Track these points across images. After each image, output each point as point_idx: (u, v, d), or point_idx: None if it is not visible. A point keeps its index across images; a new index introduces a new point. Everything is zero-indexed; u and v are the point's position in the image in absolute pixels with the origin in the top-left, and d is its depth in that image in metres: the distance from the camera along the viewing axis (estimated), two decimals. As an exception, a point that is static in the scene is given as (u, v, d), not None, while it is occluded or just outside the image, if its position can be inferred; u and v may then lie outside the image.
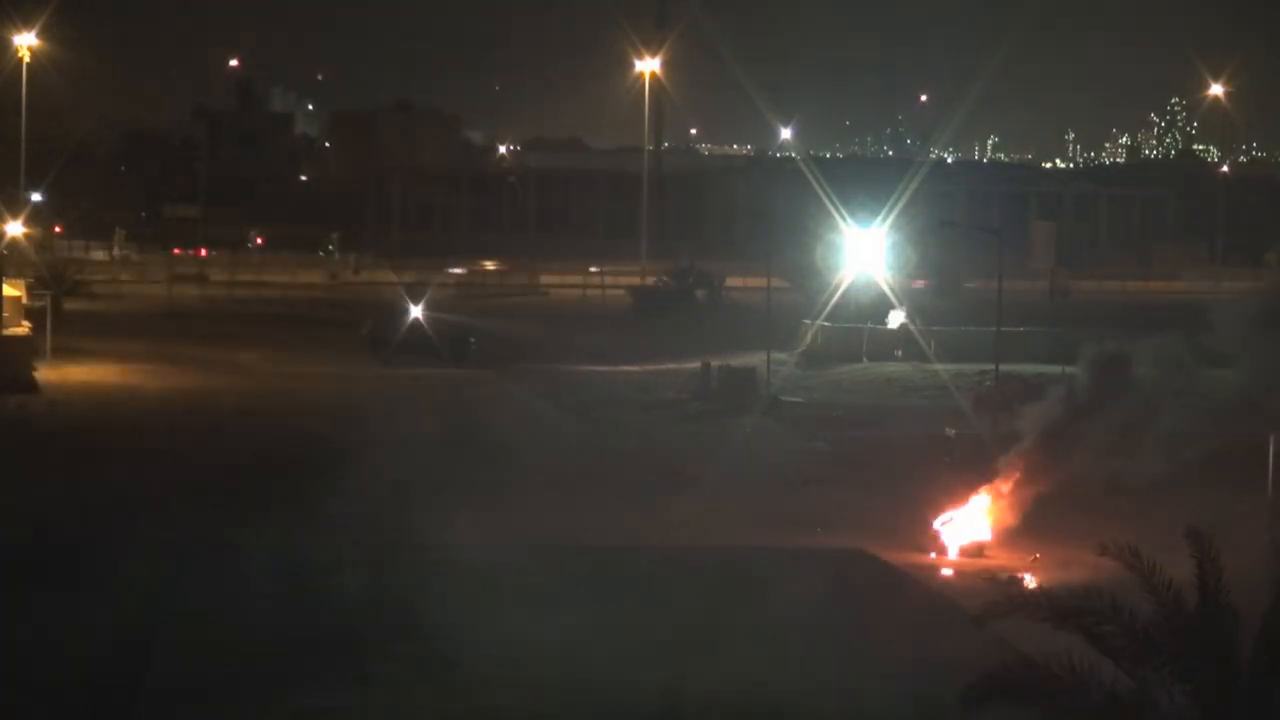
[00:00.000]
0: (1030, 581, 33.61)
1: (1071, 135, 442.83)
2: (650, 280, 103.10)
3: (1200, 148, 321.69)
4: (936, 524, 37.49)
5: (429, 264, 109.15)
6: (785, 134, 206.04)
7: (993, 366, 54.04)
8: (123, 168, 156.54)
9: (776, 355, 67.77)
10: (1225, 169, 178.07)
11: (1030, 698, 16.95)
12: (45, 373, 61.78)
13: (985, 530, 37.29)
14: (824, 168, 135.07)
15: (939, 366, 66.20)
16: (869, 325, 72.86)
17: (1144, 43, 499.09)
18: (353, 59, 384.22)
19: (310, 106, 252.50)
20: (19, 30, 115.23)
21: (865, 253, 73.52)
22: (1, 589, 31.63)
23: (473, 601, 31.08)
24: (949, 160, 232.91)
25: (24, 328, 66.51)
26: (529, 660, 27.69)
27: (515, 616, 30.22)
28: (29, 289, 73.80)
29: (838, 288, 73.44)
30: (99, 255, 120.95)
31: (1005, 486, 37.49)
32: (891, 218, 78.48)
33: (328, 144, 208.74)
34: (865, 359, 71.68)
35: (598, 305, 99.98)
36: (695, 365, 64.54)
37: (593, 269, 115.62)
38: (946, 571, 35.83)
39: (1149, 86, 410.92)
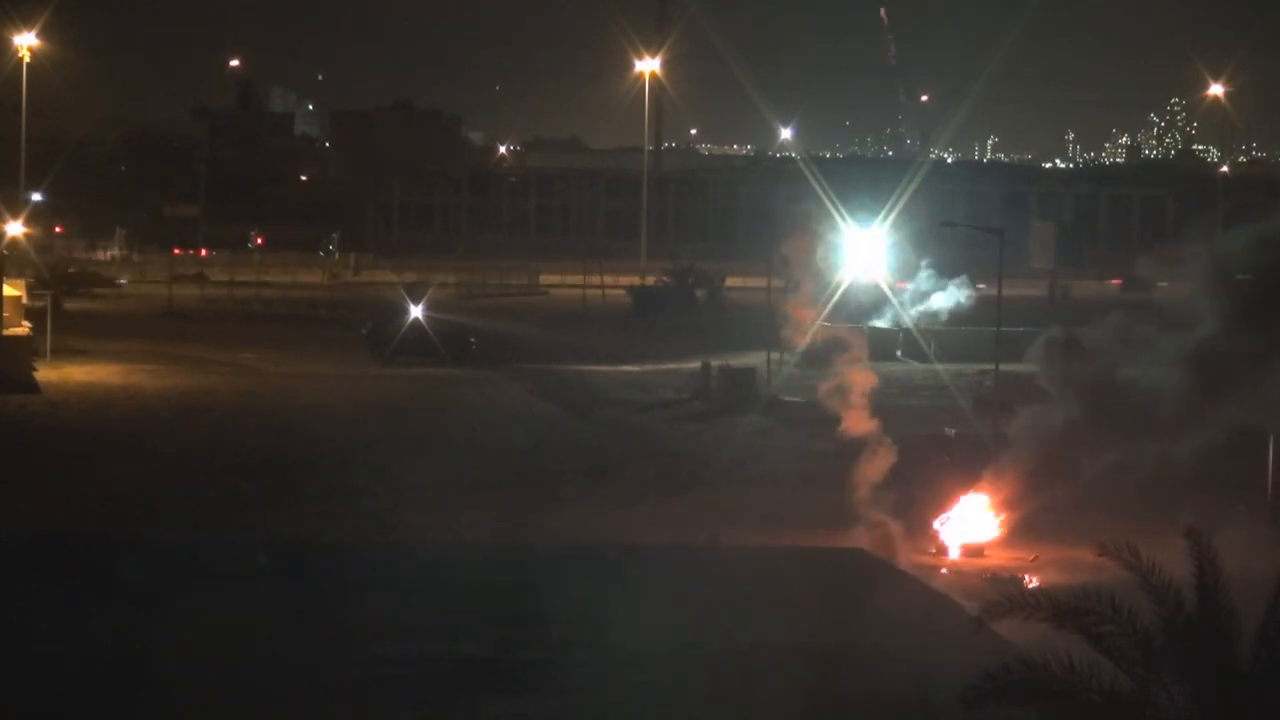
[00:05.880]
0: (1030, 581, 33.61)
1: (1071, 135, 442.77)
2: (650, 280, 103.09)
3: (1200, 148, 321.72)
4: (936, 524, 37.51)
5: (429, 264, 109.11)
6: (785, 134, 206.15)
7: (993, 366, 54.02)
8: (123, 168, 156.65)
9: (776, 355, 67.73)
10: (1225, 169, 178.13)
11: (1030, 698, 16.95)
12: (45, 373, 61.80)
13: (985, 530, 37.30)
14: (824, 168, 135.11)
15: (939, 366, 66.15)
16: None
17: (1144, 43, 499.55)
18: (353, 59, 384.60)
19: (310, 106, 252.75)
20: (19, 30, 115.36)
21: (865, 253, 73.42)
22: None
23: (464, 602, 31.09)
24: (949, 160, 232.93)
25: (24, 328, 66.52)
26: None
27: (503, 615, 30.22)
28: (29, 289, 73.87)
29: (838, 288, 73.29)
30: (100, 255, 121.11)
31: (1004, 487, 37.54)
32: (891, 218, 78.41)
33: (328, 144, 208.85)
34: (865, 359, 71.54)
35: (598, 305, 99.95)
36: (695, 365, 64.53)
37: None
38: (946, 571, 35.83)
39: (1149, 86, 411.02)
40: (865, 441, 41.50)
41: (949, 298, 77.04)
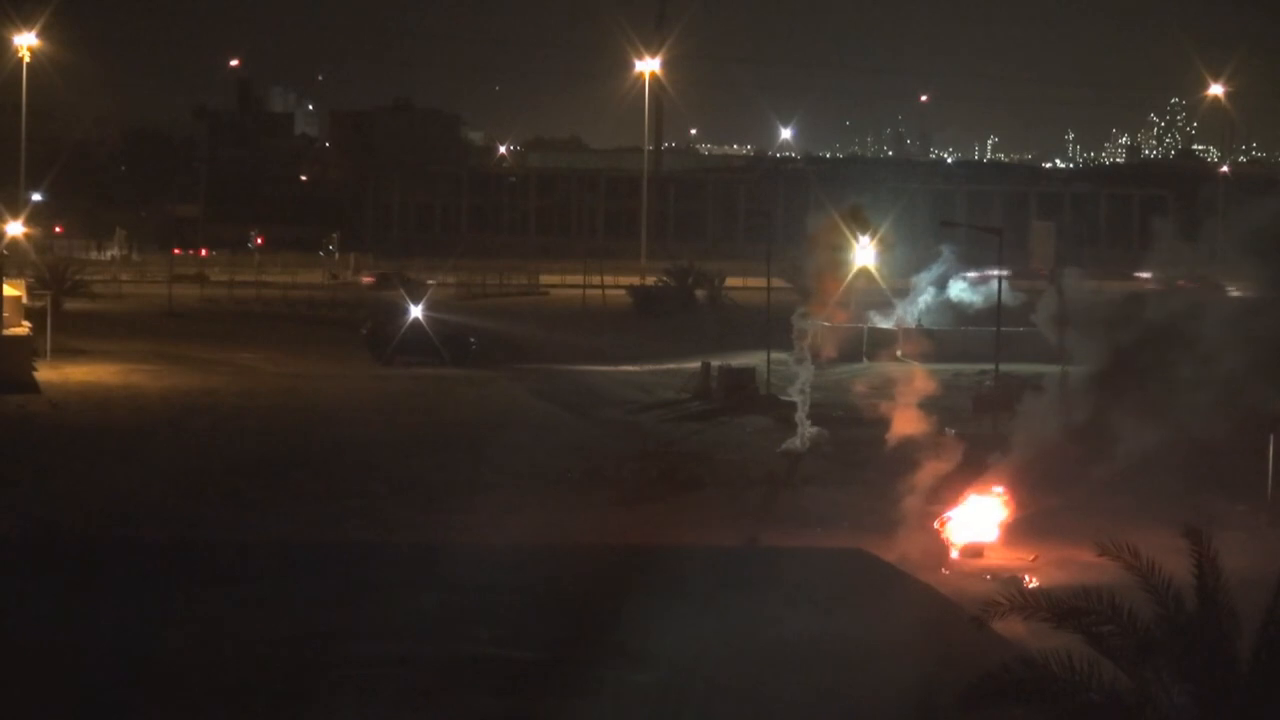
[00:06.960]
0: (1030, 581, 33.61)
1: (1071, 135, 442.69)
2: (650, 280, 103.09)
3: (1200, 148, 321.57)
4: (936, 524, 37.50)
5: (429, 264, 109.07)
6: (785, 134, 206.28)
7: (992, 366, 54.07)
8: (123, 168, 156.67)
9: (776, 355, 67.78)
10: (1225, 169, 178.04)
11: (1030, 698, 16.95)
12: (45, 373, 61.79)
13: (985, 530, 37.31)
14: (823, 168, 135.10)
15: (939, 366, 66.13)
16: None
17: (1144, 43, 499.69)
18: (353, 59, 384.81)
19: (310, 106, 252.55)
20: (19, 30, 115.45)
21: (865, 253, 73.44)
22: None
23: (464, 602, 31.10)
24: (949, 160, 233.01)
25: (24, 328, 66.52)
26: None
27: (505, 614, 30.23)
28: (29, 289, 73.88)
29: (841, 288, 73.28)
30: (98, 255, 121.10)
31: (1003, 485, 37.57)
32: (891, 218, 78.40)
33: (328, 144, 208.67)
34: (865, 359, 71.66)
35: (598, 305, 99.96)
36: (695, 365, 64.55)
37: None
38: (946, 571, 35.83)
39: (1149, 86, 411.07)
40: (868, 441, 41.56)
41: (973, 290, 76.30)
